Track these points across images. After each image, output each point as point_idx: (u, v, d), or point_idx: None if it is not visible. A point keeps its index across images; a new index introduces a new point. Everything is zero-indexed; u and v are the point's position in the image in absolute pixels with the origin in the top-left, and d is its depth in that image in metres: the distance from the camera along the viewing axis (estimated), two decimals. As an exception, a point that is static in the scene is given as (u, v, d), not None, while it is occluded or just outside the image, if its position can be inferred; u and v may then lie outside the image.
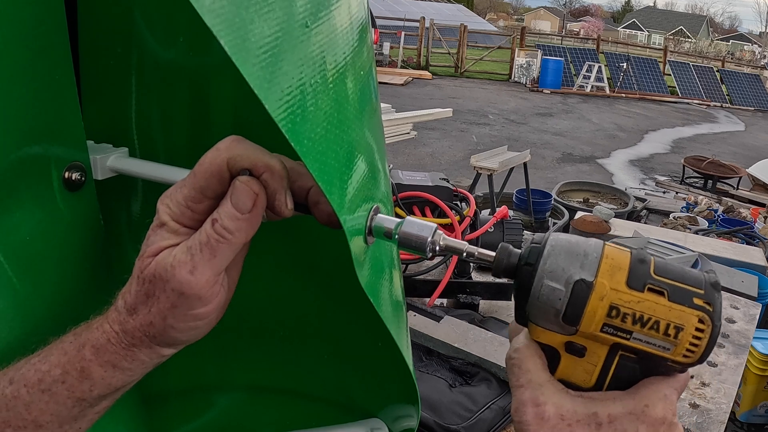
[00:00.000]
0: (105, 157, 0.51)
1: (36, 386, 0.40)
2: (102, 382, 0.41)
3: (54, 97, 0.46)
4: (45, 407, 0.40)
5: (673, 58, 20.00)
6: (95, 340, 0.41)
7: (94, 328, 0.41)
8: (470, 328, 1.37)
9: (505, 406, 1.18)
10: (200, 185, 0.40)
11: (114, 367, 0.41)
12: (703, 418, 1.27)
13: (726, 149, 10.83)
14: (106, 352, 0.41)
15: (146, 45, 0.53)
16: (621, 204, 5.58)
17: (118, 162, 0.52)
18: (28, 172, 0.44)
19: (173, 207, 0.40)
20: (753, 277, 2.30)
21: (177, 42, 0.54)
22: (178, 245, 0.40)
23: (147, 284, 0.40)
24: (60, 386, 0.40)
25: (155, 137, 0.57)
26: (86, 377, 0.40)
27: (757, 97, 17.41)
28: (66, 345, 0.41)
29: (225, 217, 0.39)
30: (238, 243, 0.40)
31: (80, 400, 0.41)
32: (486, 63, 18.31)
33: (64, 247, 0.49)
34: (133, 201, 0.59)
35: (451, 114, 6.92)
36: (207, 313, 0.41)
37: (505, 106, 13.05)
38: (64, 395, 0.40)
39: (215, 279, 0.40)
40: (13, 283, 0.42)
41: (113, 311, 0.41)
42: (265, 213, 0.42)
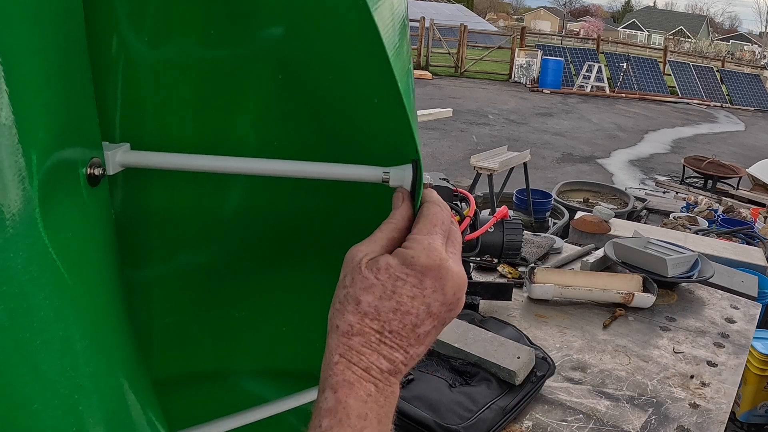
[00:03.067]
0: (115, 152, 0.53)
1: None
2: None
3: (79, 94, 0.47)
4: None
5: (673, 58, 20.00)
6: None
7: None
8: (470, 328, 1.37)
9: (505, 406, 1.18)
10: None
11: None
12: (703, 418, 1.27)
13: (726, 149, 10.83)
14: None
15: (129, 40, 0.54)
16: (621, 204, 5.57)
17: (127, 156, 0.54)
18: (64, 170, 0.45)
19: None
20: (753, 277, 2.30)
21: (159, 37, 0.55)
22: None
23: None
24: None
25: (148, 133, 0.58)
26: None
27: (757, 97, 17.40)
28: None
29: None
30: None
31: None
32: (486, 63, 18.30)
33: (93, 241, 0.50)
34: (115, 194, 0.60)
35: (451, 114, 6.91)
36: None
37: (505, 106, 13.05)
38: None
39: None
40: (65, 279, 0.43)
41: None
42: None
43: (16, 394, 0.38)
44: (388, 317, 0.46)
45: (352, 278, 0.47)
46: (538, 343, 1.45)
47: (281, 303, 0.72)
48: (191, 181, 0.62)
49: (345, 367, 0.46)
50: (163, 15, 0.54)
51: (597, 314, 1.69)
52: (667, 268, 1.81)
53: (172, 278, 0.68)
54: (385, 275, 0.46)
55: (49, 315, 0.40)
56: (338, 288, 0.48)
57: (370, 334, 0.46)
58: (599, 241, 2.89)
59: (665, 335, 1.61)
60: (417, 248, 0.47)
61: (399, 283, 0.46)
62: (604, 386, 1.35)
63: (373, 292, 0.46)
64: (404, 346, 0.47)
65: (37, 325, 0.39)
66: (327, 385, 0.46)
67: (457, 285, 0.48)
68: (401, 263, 0.46)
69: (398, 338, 0.47)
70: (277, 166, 0.56)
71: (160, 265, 0.67)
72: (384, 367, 0.47)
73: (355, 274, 0.47)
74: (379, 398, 0.46)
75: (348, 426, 0.44)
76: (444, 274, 0.47)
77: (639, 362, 1.46)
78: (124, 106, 0.56)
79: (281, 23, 0.55)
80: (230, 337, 0.73)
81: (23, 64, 0.38)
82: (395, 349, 0.47)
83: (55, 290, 0.41)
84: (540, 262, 2.00)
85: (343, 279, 0.48)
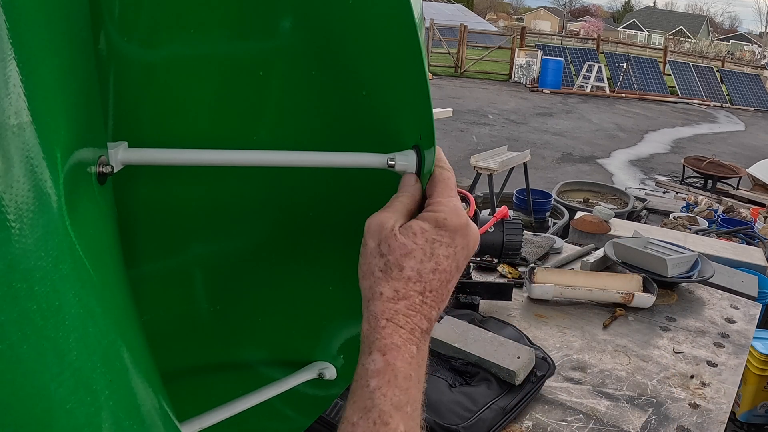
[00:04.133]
0: (116, 151, 0.53)
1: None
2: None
3: (89, 92, 0.48)
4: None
5: (673, 58, 20.00)
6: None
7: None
8: (470, 328, 1.37)
9: (505, 406, 1.18)
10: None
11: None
12: (703, 418, 1.27)
13: (726, 149, 10.83)
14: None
15: (118, 40, 0.54)
16: (621, 204, 5.57)
17: (128, 154, 0.54)
18: (81, 169, 0.45)
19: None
20: (753, 277, 2.30)
21: (151, 36, 0.55)
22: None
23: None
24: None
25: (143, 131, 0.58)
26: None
27: (757, 97, 17.40)
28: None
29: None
30: None
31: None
32: (486, 63, 18.30)
33: (107, 237, 0.51)
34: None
35: (451, 114, 6.91)
36: None
37: (505, 106, 13.05)
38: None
39: None
40: (92, 276, 0.43)
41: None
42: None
43: (52, 394, 0.38)
44: (428, 278, 0.49)
45: (389, 246, 0.49)
46: (538, 343, 1.44)
47: (280, 292, 0.72)
48: (191, 176, 0.63)
49: (393, 331, 0.48)
50: (162, 15, 0.54)
51: (597, 314, 1.69)
52: (667, 268, 1.81)
53: (175, 272, 0.68)
54: (422, 239, 0.49)
55: (80, 312, 0.41)
56: (372, 257, 0.50)
57: (414, 296, 0.49)
58: (599, 241, 2.89)
59: (665, 335, 1.61)
60: (446, 210, 0.50)
61: (436, 245, 0.49)
62: (604, 386, 1.35)
63: (414, 256, 0.49)
64: (439, 303, 0.51)
65: (70, 322, 0.39)
66: (374, 347, 0.48)
67: (476, 238, 0.52)
68: (434, 226, 0.50)
69: (436, 296, 0.50)
70: (281, 157, 0.57)
71: (159, 260, 0.67)
72: (424, 327, 0.50)
73: (392, 242, 0.49)
74: (419, 359, 0.49)
75: (396, 387, 0.47)
76: (469, 232, 0.51)
77: (639, 362, 1.46)
78: (117, 105, 0.56)
79: (297, 15, 0.55)
80: (229, 327, 0.74)
81: (46, 62, 0.39)
82: (433, 308, 0.50)
83: (84, 287, 0.42)
84: (540, 262, 2.00)
85: (377, 247, 0.50)
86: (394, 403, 0.47)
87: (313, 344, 0.76)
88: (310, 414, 0.81)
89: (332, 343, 0.75)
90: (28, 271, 0.35)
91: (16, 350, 0.35)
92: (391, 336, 0.48)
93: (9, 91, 0.34)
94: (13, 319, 0.34)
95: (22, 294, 0.35)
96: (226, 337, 0.75)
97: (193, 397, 0.73)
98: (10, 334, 0.34)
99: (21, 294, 0.35)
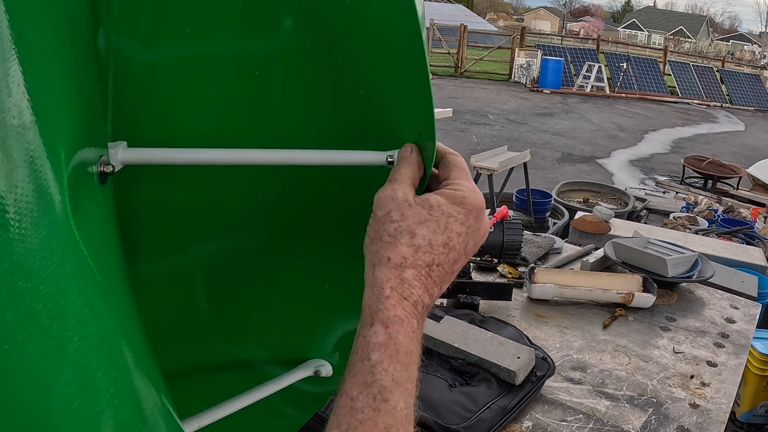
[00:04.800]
0: (116, 150, 0.53)
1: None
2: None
3: (91, 92, 0.48)
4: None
5: (673, 58, 20.00)
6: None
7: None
8: (470, 328, 1.37)
9: (505, 406, 1.19)
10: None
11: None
12: (703, 418, 1.27)
13: (726, 149, 10.83)
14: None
15: (116, 41, 0.54)
16: (621, 204, 5.57)
17: (128, 153, 0.54)
18: (84, 168, 0.45)
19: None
20: (753, 277, 2.30)
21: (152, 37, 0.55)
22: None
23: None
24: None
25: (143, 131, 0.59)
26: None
27: (757, 97, 17.40)
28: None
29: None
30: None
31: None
32: (486, 63, 18.30)
33: (109, 237, 0.51)
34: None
35: (451, 114, 6.92)
36: None
37: (505, 106, 13.05)
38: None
39: None
40: (96, 275, 0.43)
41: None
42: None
43: (57, 393, 0.38)
44: (439, 251, 0.48)
45: (402, 213, 0.48)
46: (538, 343, 1.45)
47: (277, 290, 0.73)
48: (191, 175, 0.63)
49: (397, 302, 0.47)
50: (161, 14, 0.54)
51: (597, 314, 1.69)
52: (667, 268, 1.81)
53: (174, 271, 0.69)
54: (438, 212, 0.48)
55: (84, 311, 0.41)
56: (382, 224, 0.48)
57: (422, 267, 0.48)
58: (599, 241, 2.89)
59: (665, 335, 1.61)
60: (465, 190, 0.50)
61: (451, 220, 0.49)
62: (604, 386, 1.35)
63: (428, 225, 0.48)
64: (444, 280, 0.50)
65: (74, 322, 0.39)
66: (377, 318, 0.46)
67: (486, 227, 0.52)
68: (452, 202, 0.49)
69: (441, 272, 0.49)
70: (280, 156, 0.57)
71: (158, 260, 0.67)
72: (426, 302, 0.49)
73: (405, 209, 0.48)
74: (418, 334, 0.48)
75: (397, 362, 0.46)
76: (482, 216, 0.51)
77: (639, 362, 1.46)
78: (117, 104, 0.56)
79: (299, 14, 0.55)
80: (226, 326, 0.74)
81: (49, 61, 0.39)
82: (436, 284, 0.49)
83: (89, 287, 0.42)
84: (540, 262, 2.00)
85: (387, 215, 0.48)
86: (395, 379, 0.45)
87: (309, 342, 0.76)
88: (307, 411, 0.81)
89: (328, 340, 0.76)
90: (33, 271, 0.36)
91: (21, 350, 0.35)
92: (395, 307, 0.46)
93: (12, 91, 0.34)
94: (18, 318, 0.34)
95: (27, 294, 0.35)
96: (224, 335, 0.75)
97: (191, 396, 0.73)
98: (15, 333, 0.34)
99: (26, 294, 0.35)
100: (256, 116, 0.61)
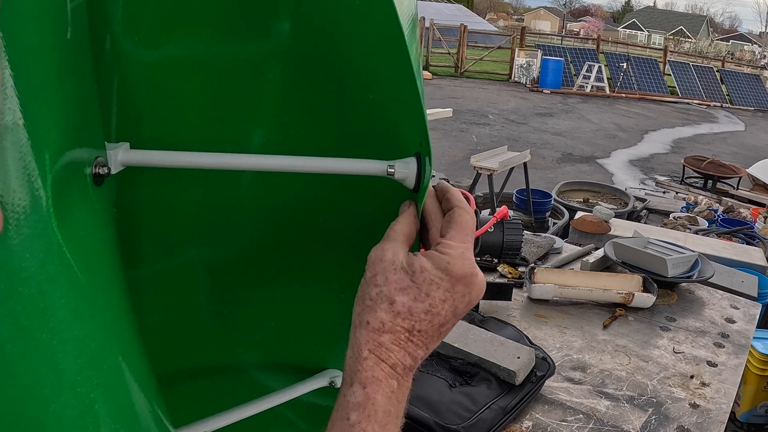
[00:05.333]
0: (116, 152, 0.53)
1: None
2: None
3: (86, 93, 0.48)
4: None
5: (673, 58, 19.99)
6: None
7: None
8: (470, 328, 1.37)
9: (505, 406, 1.18)
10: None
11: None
12: (703, 418, 1.27)
13: (726, 149, 10.83)
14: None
15: (122, 41, 0.54)
16: (621, 204, 5.57)
17: (128, 155, 0.54)
18: (73, 170, 0.45)
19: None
20: (753, 277, 2.30)
21: (156, 37, 0.55)
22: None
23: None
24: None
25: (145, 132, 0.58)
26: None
27: (757, 97, 17.39)
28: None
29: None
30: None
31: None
32: (486, 63, 18.30)
33: (101, 240, 0.51)
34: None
35: (451, 114, 6.91)
36: None
37: (505, 106, 13.05)
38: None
39: None
40: (80, 279, 0.43)
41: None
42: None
43: (36, 394, 0.38)
44: (419, 317, 0.48)
45: (386, 277, 0.48)
46: (538, 343, 1.45)
47: (288, 296, 0.72)
48: (194, 178, 0.62)
49: (374, 363, 0.48)
50: (164, 14, 0.54)
51: (597, 314, 1.69)
52: (667, 268, 1.81)
53: (178, 274, 0.68)
54: (420, 278, 0.48)
55: (65, 314, 0.41)
56: (367, 286, 0.49)
57: (401, 332, 0.48)
58: (599, 241, 2.89)
59: (665, 335, 1.61)
60: (453, 255, 0.49)
61: (433, 287, 0.48)
62: (604, 386, 1.35)
63: (408, 293, 0.48)
64: (429, 342, 0.50)
65: (55, 324, 0.40)
66: (356, 379, 0.48)
67: (481, 289, 0.51)
68: (437, 267, 0.48)
69: (424, 337, 0.49)
70: (281, 162, 0.56)
71: (161, 262, 0.67)
72: (408, 364, 0.49)
73: (389, 274, 0.48)
74: (399, 394, 0.49)
75: (375, 422, 0.47)
76: (474, 281, 0.50)
77: (639, 362, 1.46)
78: (120, 105, 0.56)
79: (295, 17, 0.55)
80: (236, 330, 0.74)
81: (38, 63, 0.39)
82: (419, 347, 0.49)
83: (71, 289, 0.42)
84: (540, 262, 2.00)
85: (373, 277, 0.49)
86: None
87: (325, 352, 0.75)
88: (318, 423, 0.80)
89: (345, 351, 0.75)
90: (13, 272, 0.36)
91: (0, 350, 0.35)
92: (372, 369, 0.48)
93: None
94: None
95: (7, 295, 0.35)
96: (235, 341, 0.74)
97: (202, 401, 0.73)
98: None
99: (5, 294, 0.35)
100: (250, 119, 0.60)
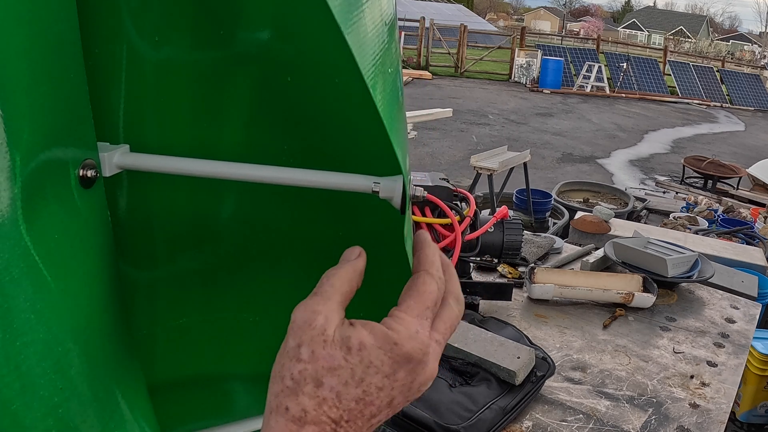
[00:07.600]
0: (111, 154, 0.52)
1: None
2: None
3: (70, 94, 0.47)
4: None
5: (673, 58, 20.00)
6: None
7: None
8: (470, 328, 1.37)
9: (505, 406, 1.18)
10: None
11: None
12: (703, 418, 1.27)
13: (726, 149, 10.83)
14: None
15: (134, 40, 0.53)
16: (621, 204, 5.57)
17: (124, 158, 0.53)
18: (52, 172, 0.45)
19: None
20: (753, 277, 2.30)
21: (170, 38, 0.54)
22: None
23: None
24: None
25: (147, 135, 0.58)
26: None
27: (757, 97, 17.40)
28: None
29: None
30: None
31: None
32: (486, 63, 18.30)
33: (84, 244, 0.50)
34: (119, 195, 0.60)
35: (451, 114, 6.91)
36: None
37: (505, 106, 13.05)
38: None
39: None
40: (48, 282, 0.43)
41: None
42: None
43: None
44: (348, 407, 0.39)
45: (312, 352, 0.39)
46: (538, 343, 1.45)
47: (278, 307, 0.72)
48: (188, 184, 0.62)
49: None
50: (166, 14, 0.53)
51: (597, 314, 1.69)
52: (667, 268, 1.81)
53: (172, 281, 0.68)
54: (356, 358, 0.39)
55: (29, 317, 0.41)
56: (289, 359, 0.40)
57: (326, 423, 0.39)
58: (599, 241, 2.89)
59: (665, 335, 1.61)
60: (402, 333, 0.40)
61: (371, 371, 0.40)
62: (604, 386, 1.35)
63: (339, 374, 0.39)
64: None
65: (18, 326, 0.40)
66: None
67: (426, 381, 0.42)
68: (379, 346, 0.40)
69: (352, 429, 0.40)
70: (270, 173, 0.55)
71: (163, 266, 0.67)
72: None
73: (317, 347, 0.39)
74: None
75: None
76: (419, 370, 0.41)
77: (639, 362, 1.46)
78: (126, 106, 0.56)
79: (266, 26, 0.54)
80: (227, 341, 0.73)
81: (6, 66, 0.38)
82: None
83: (37, 293, 0.41)
84: (540, 262, 2.00)
85: (297, 349, 0.40)
86: None
87: None
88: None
89: None
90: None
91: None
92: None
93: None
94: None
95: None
96: (224, 352, 0.74)
97: (190, 414, 0.72)
98: None
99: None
100: (221, 125, 0.59)
